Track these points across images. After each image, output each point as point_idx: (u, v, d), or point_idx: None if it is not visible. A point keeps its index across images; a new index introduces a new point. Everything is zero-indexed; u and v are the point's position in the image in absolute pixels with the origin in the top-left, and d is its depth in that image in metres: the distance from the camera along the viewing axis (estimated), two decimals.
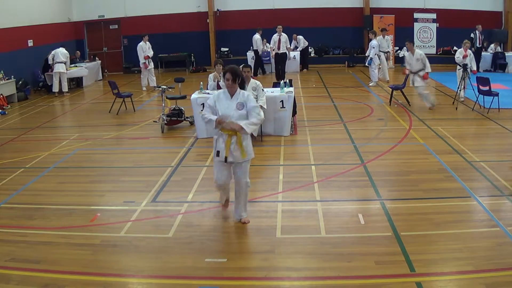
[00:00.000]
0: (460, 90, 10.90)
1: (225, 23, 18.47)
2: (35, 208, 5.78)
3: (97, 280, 4.17)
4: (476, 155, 7.20)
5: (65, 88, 14.35)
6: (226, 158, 4.80)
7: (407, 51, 10.95)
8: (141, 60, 14.33)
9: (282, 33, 15.19)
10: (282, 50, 15.22)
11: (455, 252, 4.40)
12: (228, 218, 5.44)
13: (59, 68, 14.04)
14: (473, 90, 10.42)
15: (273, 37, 15.40)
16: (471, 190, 5.84)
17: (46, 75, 14.68)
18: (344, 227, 5.03)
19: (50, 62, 14.21)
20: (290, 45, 17.58)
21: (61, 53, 14.13)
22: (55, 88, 14.15)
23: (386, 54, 15.02)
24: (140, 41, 14.36)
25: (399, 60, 17.63)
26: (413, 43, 11.61)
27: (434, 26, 17.89)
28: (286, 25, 17.66)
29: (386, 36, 15.28)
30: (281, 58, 15.26)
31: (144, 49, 14.29)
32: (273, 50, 15.40)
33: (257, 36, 16.56)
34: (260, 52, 16.77)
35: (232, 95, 4.84)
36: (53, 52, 14.15)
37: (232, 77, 4.75)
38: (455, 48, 17.79)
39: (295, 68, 17.33)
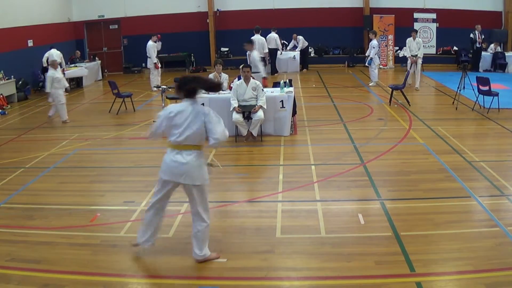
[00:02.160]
0: None
1: (225, 23, 18.47)
2: (35, 208, 5.78)
3: (97, 280, 4.18)
4: (476, 155, 7.20)
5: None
6: None
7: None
8: (154, 60, 14.22)
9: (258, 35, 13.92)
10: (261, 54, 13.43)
11: (455, 252, 4.40)
12: (227, 218, 5.44)
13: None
14: (473, 90, 10.42)
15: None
16: (471, 190, 5.85)
17: (45, 75, 14.65)
18: (344, 227, 5.03)
19: (45, 64, 14.15)
20: (288, 45, 17.60)
21: (56, 54, 14.09)
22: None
23: (414, 58, 13.11)
24: (147, 41, 14.25)
25: (399, 60, 17.68)
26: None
27: (434, 26, 17.89)
28: (286, 25, 17.71)
29: (417, 38, 13.35)
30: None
31: (154, 49, 14.21)
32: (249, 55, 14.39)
33: (275, 35, 16.35)
34: (280, 51, 16.71)
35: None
36: (47, 55, 14.09)
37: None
38: (455, 48, 17.84)
39: (295, 68, 17.33)
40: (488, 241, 4.60)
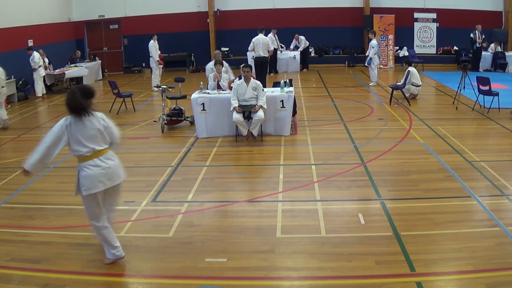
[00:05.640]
0: None
1: (225, 23, 18.47)
2: (35, 208, 5.79)
3: (97, 280, 4.18)
4: (476, 155, 7.20)
5: (44, 89, 14.16)
6: None
7: None
8: (155, 58, 14.14)
9: (262, 35, 13.71)
10: (263, 54, 13.54)
11: (455, 252, 4.40)
12: (228, 218, 5.44)
13: (43, 71, 14.03)
14: (473, 89, 10.43)
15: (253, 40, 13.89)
16: (471, 190, 5.84)
17: (45, 75, 14.64)
18: (344, 227, 5.03)
19: (41, 65, 13.93)
20: (290, 45, 17.62)
21: (38, 56, 13.88)
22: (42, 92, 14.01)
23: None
24: (150, 40, 14.23)
25: (399, 60, 17.67)
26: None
27: (434, 26, 17.89)
28: (286, 25, 17.71)
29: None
30: (260, 63, 13.34)
31: (156, 47, 14.18)
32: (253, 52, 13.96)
33: (271, 35, 16.26)
34: (279, 50, 17.03)
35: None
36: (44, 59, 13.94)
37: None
38: (455, 47, 17.84)
39: (295, 68, 17.34)
40: (488, 241, 4.59)
